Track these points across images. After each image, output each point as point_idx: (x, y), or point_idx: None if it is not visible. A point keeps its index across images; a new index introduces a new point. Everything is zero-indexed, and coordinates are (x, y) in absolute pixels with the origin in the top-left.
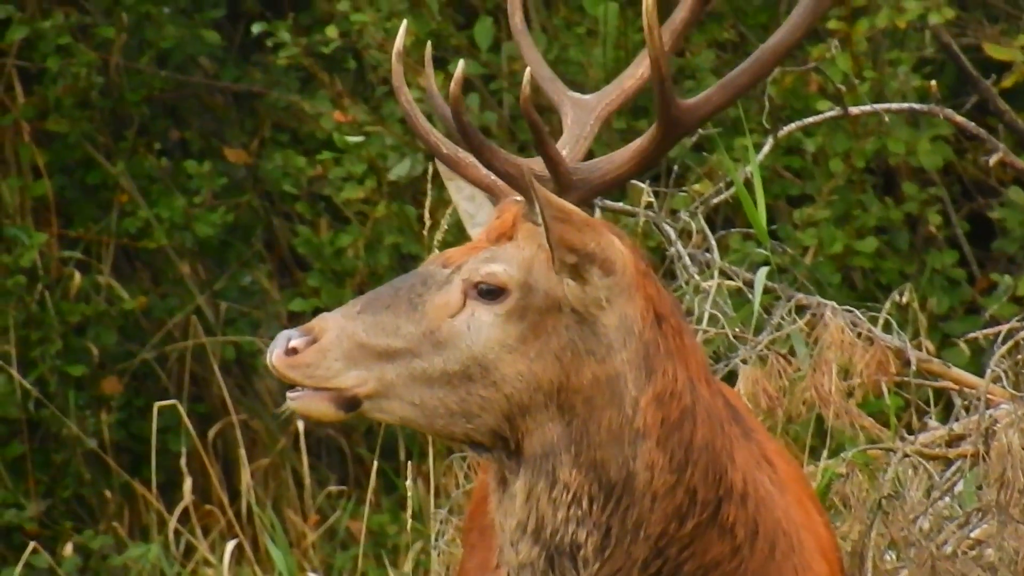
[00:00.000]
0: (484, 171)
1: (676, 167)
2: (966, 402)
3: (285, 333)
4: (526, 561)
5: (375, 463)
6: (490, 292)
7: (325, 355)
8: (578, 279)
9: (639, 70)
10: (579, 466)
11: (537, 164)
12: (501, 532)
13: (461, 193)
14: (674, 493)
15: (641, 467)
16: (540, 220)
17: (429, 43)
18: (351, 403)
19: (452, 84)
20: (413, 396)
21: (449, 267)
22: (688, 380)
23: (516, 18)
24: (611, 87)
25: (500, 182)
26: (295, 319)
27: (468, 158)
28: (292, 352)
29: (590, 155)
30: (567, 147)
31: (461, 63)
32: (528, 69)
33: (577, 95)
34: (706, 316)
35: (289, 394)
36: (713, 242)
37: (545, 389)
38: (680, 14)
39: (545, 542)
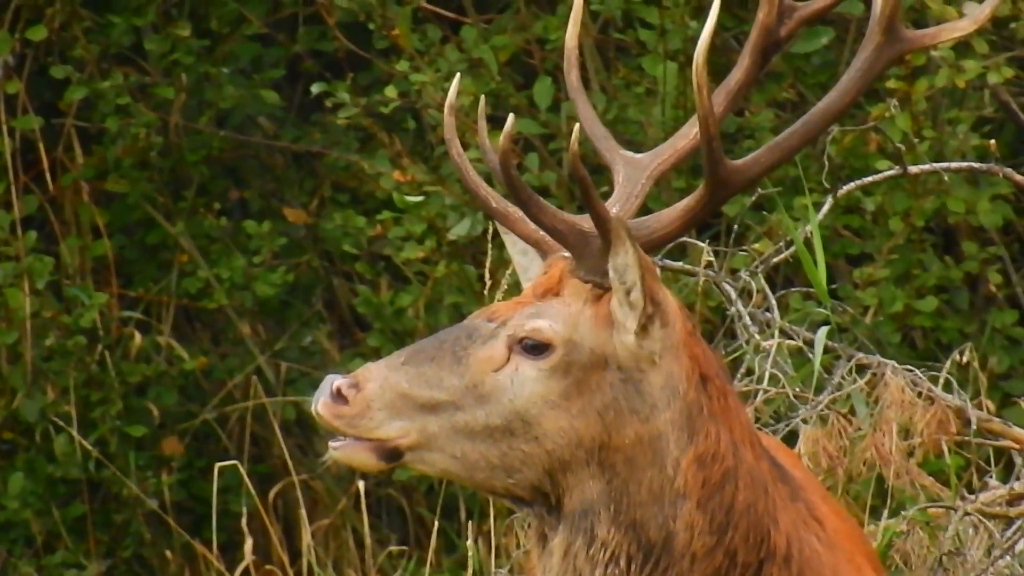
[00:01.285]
0: (533, 226)
1: (736, 226)
2: None
3: (330, 378)
4: None
5: (436, 523)
6: (535, 348)
7: (369, 406)
8: (642, 332)
9: (693, 130)
10: (618, 524)
11: (586, 222)
12: None
13: (515, 247)
14: (713, 555)
15: (681, 528)
16: (620, 271)
17: (483, 97)
18: (393, 454)
19: (502, 137)
20: (455, 449)
21: (495, 321)
22: (731, 442)
23: (572, 76)
24: (664, 146)
25: (548, 237)
26: None
27: (517, 213)
28: (338, 394)
29: (643, 213)
30: (617, 204)
31: (511, 117)
32: (577, 125)
33: (630, 154)
34: (767, 376)
35: (332, 443)
36: (773, 301)
37: (587, 446)
38: (736, 75)
39: None
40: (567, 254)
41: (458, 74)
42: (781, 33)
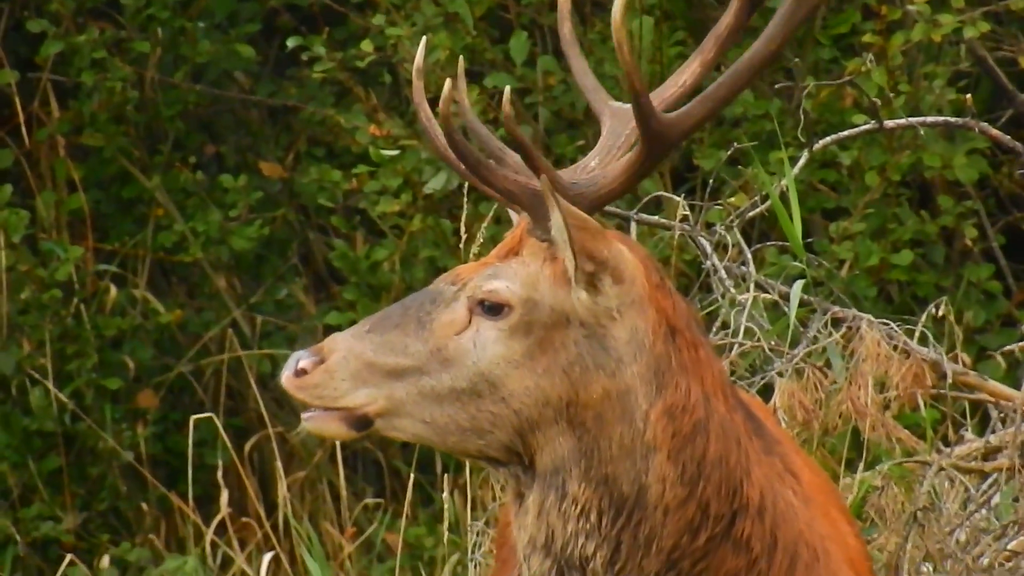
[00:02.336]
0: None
1: (712, 180)
2: (1002, 415)
3: (296, 354)
4: (538, 574)
5: (412, 476)
6: (493, 309)
7: (332, 376)
8: (591, 289)
9: (681, 77)
10: (589, 480)
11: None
12: (518, 547)
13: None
14: (686, 507)
15: (653, 480)
16: (557, 231)
17: (461, 58)
18: (362, 422)
19: (441, 102)
20: (424, 414)
21: (457, 284)
22: (702, 394)
23: (565, 29)
24: (652, 96)
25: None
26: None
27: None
28: (301, 373)
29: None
30: (598, 156)
31: (448, 83)
32: (508, 88)
33: (618, 104)
34: (742, 329)
35: (303, 414)
36: (749, 255)
37: (554, 404)
38: (725, 20)
39: (556, 556)
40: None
41: (424, 38)
42: None
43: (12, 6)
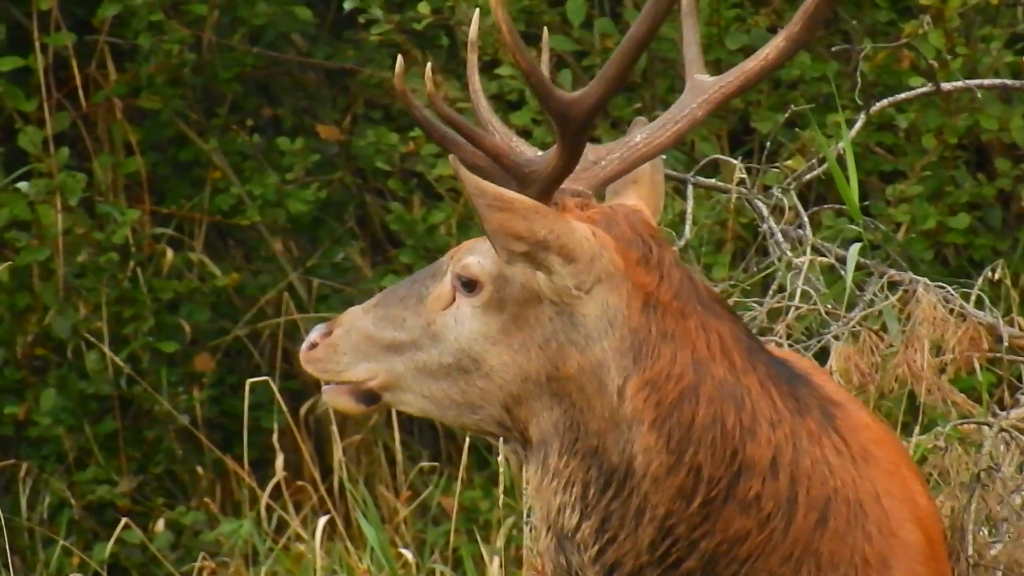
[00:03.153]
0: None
1: (768, 143)
2: None
3: (316, 327)
4: (544, 546)
5: (467, 439)
6: (467, 284)
7: (335, 350)
8: (541, 268)
9: (764, 51)
10: (573, 453)
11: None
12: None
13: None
14: (675, 473)
15: (639, 451)
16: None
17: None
18: (369, 396)
19: (426, 78)
20: (422, 388)
21: (451, 259)
22: (691, 361)
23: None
24: (733, 71)
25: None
26: None
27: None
28: (312, 346)
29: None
30: (646, 131)
31: (429, 65)
32: (428, 66)
33: (701, 77)
34: (798, 292)
35: (323, 387)
36: (805, 218)
37: (534, 379)
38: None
39: (550, 527)
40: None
41: (477, 10)
42: None
43: None
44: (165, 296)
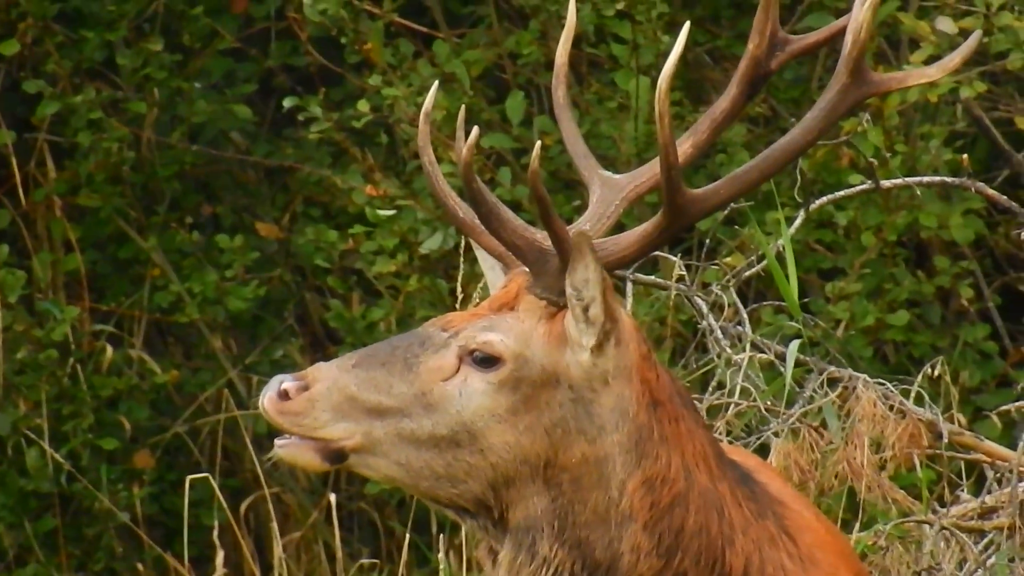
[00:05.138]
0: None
1: (708, 240)
2: (998, 475)
3: (279, 377)
4: None
5: (407, 536)
6: (485, 360)
7: (314, 405)
8: (596, 350)
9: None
10: (562, 542)
11: (545, 239)
12: None
13: (486, 262)
14: None
15: (627, 549)
16: (584, 287)
17: (463, 108)
18: (337, 456)
19: (464, 148)
20: (400, 455)
21: (448, 331)
22: (682, 466)
23: (559, 93)
24: (643, 169)
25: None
26: None
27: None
28: (283, 396)
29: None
30: (588, 224)
31: (475, 129)
32: (538, 144)
33: (608, 174)
34: (738, 389)
35: (277, 441)
36: (745, 315)
37: (532, 463)
38: (722, 105)
39: None
40: (527, 269)
41: (436, 82)
42: (771, 65)
43: (9, 66)
44: (105, 393)
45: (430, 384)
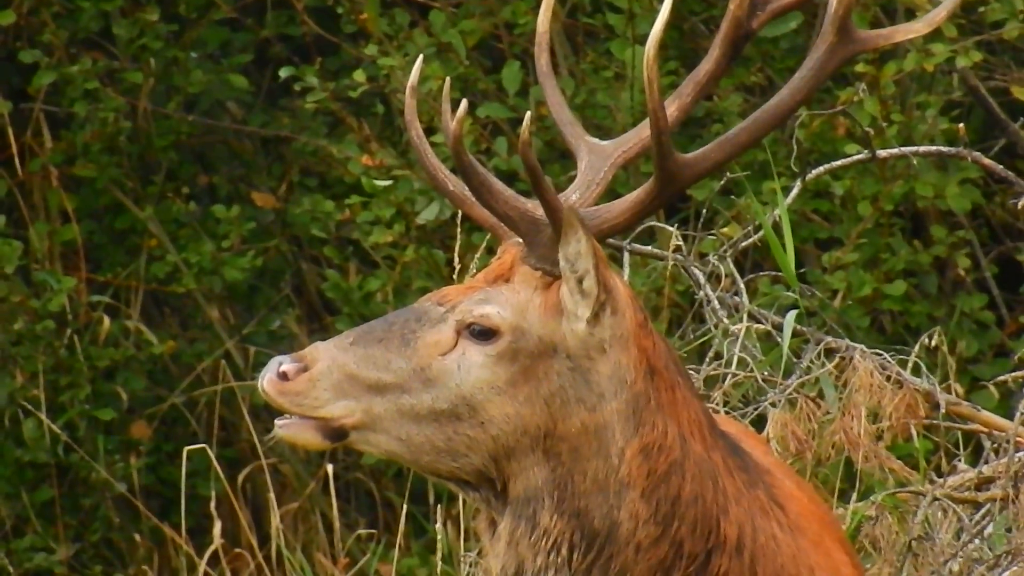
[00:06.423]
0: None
1: (704, 210)
2: (995, 445)
3: (277, 358)
4: None
5: (404, 507)
6: (482, 333)
7: (314, 384)
8: (592, 320)
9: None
10: (561, 512)
11: (538, 209)
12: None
13: None
14: (659, 545)
15: (625, 517)
16: (576, 258)
17: (448, 80)
18: (337, 433)
19: (454, 121)
20: (400, 431)
21: (444, 305)
22: (678, 435)
23: (542, 61)
24: (630, 134)
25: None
26: None
27: (473, 197)
28: (283, 377)
29: (611, 199)
30: (577, 192)
31: (464, 102)
32: (528, 114)
33: (595, 141)
34: (735, 360)
35: (278, 421)
36: (742, 286)
37: (532, 433)
38: (705, 67)
39: None
40: (520, 240)
41: (421, 56)
42: (752, 25)
43: (5, 36)
44: (102, 364)
45: (428, 359)
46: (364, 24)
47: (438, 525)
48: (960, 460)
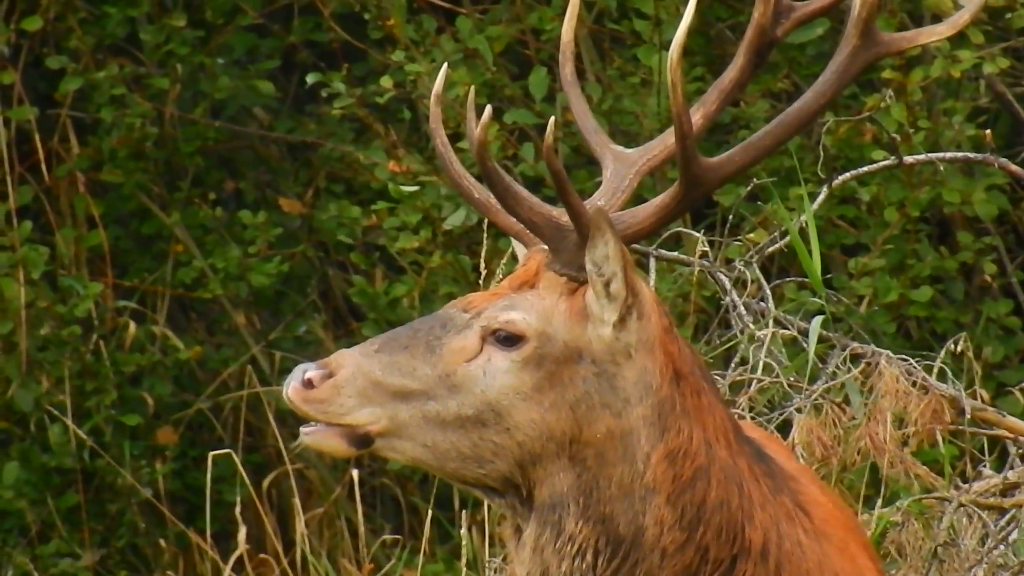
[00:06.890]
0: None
1: (731, 216)
2: (1020, 451)
3: (302, 366)
4: None
5: (430, 512)
6: (508, 339)
7: (339, 391)
8: (618, 324)
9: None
10: (587, 518)
11: (563, 215)
12: None
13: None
14: (684, 551)
15: (650, 523)
16: (604, 262)
17: (472, 88)
18: (363, 440)
19: (478, 128)
20: (425, 438)
21: (469, 312)
22: (704, 440)
23: (566, 70)
24: (655, 142)
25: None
26: None
27: (498, 203)
28: (308, 384)
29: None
30: (603, 199)
31: (488, 109)
32: (552, 120)
33: (620, 148)
34: (761, 365)
35: (303, 429)
36: (768, 291)
37: (557, 439)
38: (730, 74)
39: None
40: (545, 247)
41: (445, 65)
42: (777, 32)
43: (32, 42)
44: (128, 369)
45: (453, 365)
46: (391, 30)
47: (463, 531)
48: (985, 466)
